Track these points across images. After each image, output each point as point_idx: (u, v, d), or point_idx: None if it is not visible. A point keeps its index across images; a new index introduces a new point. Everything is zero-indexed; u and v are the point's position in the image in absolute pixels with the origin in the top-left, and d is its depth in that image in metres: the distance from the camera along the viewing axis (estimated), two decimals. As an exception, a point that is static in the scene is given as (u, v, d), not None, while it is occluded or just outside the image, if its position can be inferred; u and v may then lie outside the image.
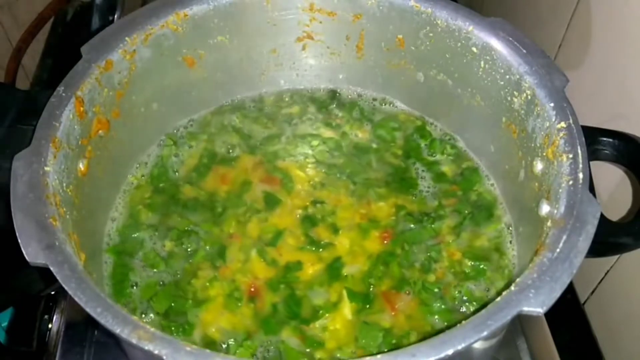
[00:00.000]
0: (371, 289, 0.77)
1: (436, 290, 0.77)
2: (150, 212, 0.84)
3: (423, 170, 0.89)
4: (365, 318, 0.75)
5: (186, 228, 0.82)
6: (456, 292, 0.77)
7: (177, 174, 0.89)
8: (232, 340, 0.73)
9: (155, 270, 0.78)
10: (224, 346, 0.72)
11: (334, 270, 0.79)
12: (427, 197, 0.86)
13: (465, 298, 0.76)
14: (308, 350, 0.72)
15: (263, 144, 0.93)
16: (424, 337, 0.54)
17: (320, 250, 0.81)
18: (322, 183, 0.88)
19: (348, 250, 0.81)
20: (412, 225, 0.82)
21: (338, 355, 0.72)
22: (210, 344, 0.72)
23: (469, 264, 0.79)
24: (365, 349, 0.72)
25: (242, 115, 0.95)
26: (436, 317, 0.75)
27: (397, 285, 0.77)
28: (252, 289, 0.77)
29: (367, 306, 0.76)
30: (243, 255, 0.80)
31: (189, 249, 0.80)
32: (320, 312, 0.75)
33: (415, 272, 0.79)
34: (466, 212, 0.84)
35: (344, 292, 0.76)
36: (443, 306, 0.75)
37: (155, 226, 0.83)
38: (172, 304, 0.75)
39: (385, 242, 0.81)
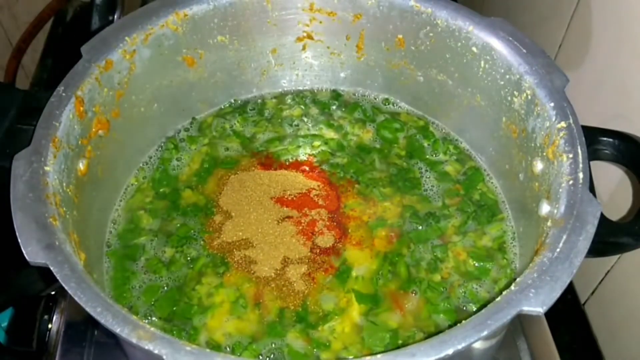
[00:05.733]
0: (379, 290, 0.77)
1: (442, 289, 0.77)
2: (152, 217, 0.84)
3: (426, 170, 0.89)
4: (373, 319, 0.75)
5: (186, 235, 0.82)
6: (461, 291, 0.77)
7: (178, 178, 0.89)
8: (237, 344, 0.73)
9: (157, 275, 0.78)
10: (228, 350, 0.72)
11: (342, 273, 0.78)
12: (431, 197, 0.86)
13: (470, 298, 0.76)
14: (315, 351, 0.72)
15: (264, 147, 0.93)
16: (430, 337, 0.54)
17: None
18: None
19: (356, 250, 0.81)
20: (418, 226, 0.83)
21: (343, 355, 0.72)
22: (215, 347, 0.72)
23: (474, 264, 0.79)
24: (372, 349, 0.72)
25: (243, 118, 0.95)
26: (442, 316, 0.75)
27: (404, 285, 0.77)
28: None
29: (375, 307, 0.76)
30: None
31: (189, 257, 0.80)
32: (329, 315, 0.75)
33: (422, 272, 0.79)
34: (470, 210, 0.84)
35: (352, 295, 0.76)
36: (448, 305, 0.75)
37: (156, 232, 0.83)
38: (174, 309, 0.75)
39: (393, 241, 0.81)
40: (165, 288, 0.77)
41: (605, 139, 0.73)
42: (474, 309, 0.75)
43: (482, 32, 0.79)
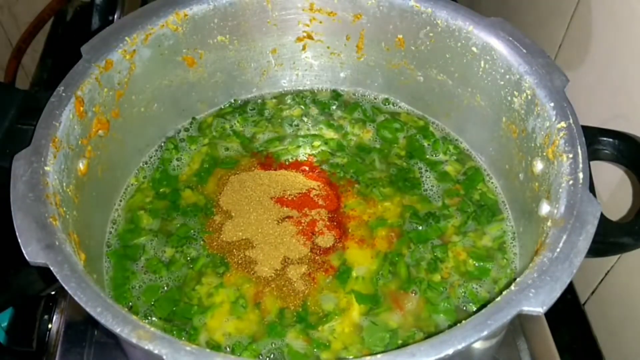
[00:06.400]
0: (379, 290, 0.77)
1: (442, 289, 0.77)
2: (152, 217, 0.84)
3: (426, 170, 0.89)
4: (373, 319, 0.75)
5: (186, 235, 0.82)
6: (461, 291, 0.77)
7: (178, 178, 0.89)
8: (237, 344, 0.73)
9: (157, 275, 0.79)
10: (228, 350, 0.73)
11: (343, 274, 0.78)
12: (431, 197, 0.86)
13: (470, 298, 0.76)
14: (315, 351, 0.72)
15: (264, 147, 0.93)
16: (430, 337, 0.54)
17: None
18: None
19: (356, 250, 0.81)
20: (418, 226, 0.83)
21: (343, 355, 0.72)
22: (215, 347, 0.72)
23: (474, 264, 0.79)
24: (372, 349, 0.72)
25: (243, 118, 0.95)
26: (442, 316, 0.75)
27: (404, 285, 0.78)
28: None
29: (376, 307, 0.76)
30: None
31: (189, 257, 0.80)
32: (329, 315, 0.75)
33: (422, 272, 0.79)
34: (470, 210, 0.84)
35: (352, 296, 0.76)
36: (448, 305, 0.76)
37: (156, 232, 0.83)
38: (174, 309, 0.75)
39: (393, 241, 0.82)
40: (165, 288, 0.77)
41: (605, 139, 0.73)
42: (474, 309, 0.76)
43: (482, 32, 0.79)
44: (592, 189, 0.65)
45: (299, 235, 0.82)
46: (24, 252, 0.59)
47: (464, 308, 0.76)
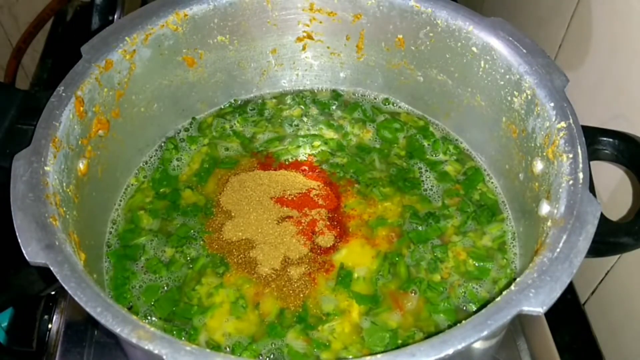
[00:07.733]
0: (379, 290, 0.77)
1: (442, 289, 0.77)
2: (152, 217, 0.84)
3: (426, 170, 0.89)
4: (373, 319, 0.75)
5: (186, 235, 0.82)
6: (461, 291, 0.77)
7: (178, 178, 0.89)
8: (237, 344, 0.73)
9: (157, 275, 0.79)
10: (228, 350, 0.73)
11: (343, 275, 0.78)
12: (431, 197, 0.86)
13: (470, 298, 0.76)
14: (315, 351, 0.72)
15: (264, 147, 0.93)
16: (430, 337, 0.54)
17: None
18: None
19: (356, 250, 0.81)
20: (418, 226, 0.83)
21: (343, 355, 0.72)
22: (215, 348, 0.72)
23: (474, 264, 0.79)
24: (372, 349, 0.72)
25: (243, 118, 0.95)
26: (442, 316, 0.75)
27: (404, 285, 0.78)
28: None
29: (375, 307, 0.76)
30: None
31: (188, 257, 0.80)
32: (329, 315, 0.75)
33: (422, 272, 0.79)
34: (470, 210, 0.84)
35: (352, 296, 0.76)
36: (448, 305, 0.76)
37: (156, 232, 0.83)
38: (174, 309, 0.75)
39: (393, 241, 0.82)
40: (165, 288, 0.77)
41: (605, 139, 0.73)
42: (474, 309, 0.76)
43: (482, 32, 0.79)
44: (592, 189, 0.65)
45: (299, 235, 0.82)
46: (24, 252, 0.59)
47: (464, 308, 0.76)
